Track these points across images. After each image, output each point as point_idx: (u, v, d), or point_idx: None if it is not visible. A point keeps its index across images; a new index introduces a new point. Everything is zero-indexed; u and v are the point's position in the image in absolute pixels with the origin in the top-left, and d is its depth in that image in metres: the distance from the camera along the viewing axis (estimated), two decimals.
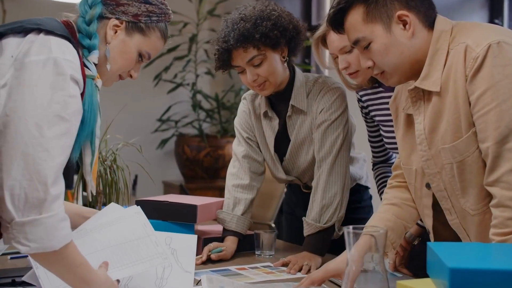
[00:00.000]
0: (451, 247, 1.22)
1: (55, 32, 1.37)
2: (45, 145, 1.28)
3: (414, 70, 1.58)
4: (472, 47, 1.46)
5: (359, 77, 1.99)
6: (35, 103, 1.29)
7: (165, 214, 2.10)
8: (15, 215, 1.26)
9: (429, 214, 1.67)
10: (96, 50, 1.49)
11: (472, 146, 1.50)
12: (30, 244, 1.27)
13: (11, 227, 1.26)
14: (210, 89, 5.41)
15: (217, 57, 2.07)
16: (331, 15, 1.62)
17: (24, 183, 1.26)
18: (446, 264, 1.03)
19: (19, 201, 1.26)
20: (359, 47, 1.59)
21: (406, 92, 1.71)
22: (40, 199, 1.26)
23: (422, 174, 1.65)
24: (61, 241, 1.30)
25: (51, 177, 1.27)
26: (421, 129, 1.60)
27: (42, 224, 1.27)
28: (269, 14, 2.01)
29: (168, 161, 5.15)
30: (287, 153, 2.20)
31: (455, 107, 1.50)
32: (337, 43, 1.97)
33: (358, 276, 1.32)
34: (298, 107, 2.13)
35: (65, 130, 1.32)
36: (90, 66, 1.46)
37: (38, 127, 1.28)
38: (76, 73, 1.36)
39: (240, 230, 2.17)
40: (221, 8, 5.19)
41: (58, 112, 1.31)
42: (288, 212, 2.51)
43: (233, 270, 1.93)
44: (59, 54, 1.34)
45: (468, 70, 1.46)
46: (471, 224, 1.57)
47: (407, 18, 1.54)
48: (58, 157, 1.29)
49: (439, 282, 1.11)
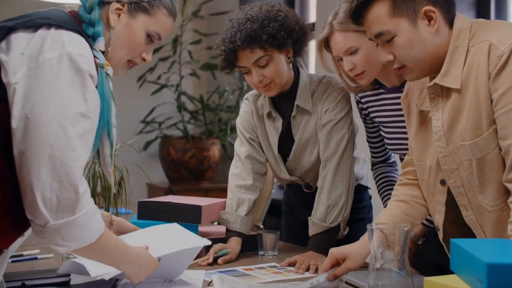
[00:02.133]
0: (476, 243, 1.23)
1: (66, 26, 1.34)
2: (71, 145, 1.27)
3: (434, 66, 1.59)
4: (497, 45, 1.48)
5: (364, 78, 1.99)
6: (56, 102, 1.27)
7: (168, 215, 2.09)
8: (49, 218, 1.26)
9: (441, 210, 1.69)
10: (101, 37, 1.45)
11: (493, 143, 1.51)
12: (68, 244, 1.29)
13: (45, 230, 1.26)
14: (194, 90, 5.39)
15: (222, 58, 2.06)
16: (354, 7, 1.61)
17: (54, 186, 1.25)
18: (483, 259, 1.05)
19: (51, 204, 1.25)
20: (380, 40, 1.59)
21: (418, 88, 1.72)
22: (72, 200, 1.27)
23: (436, 171, 1.66)
24: (95, 234, 1.33)
25: (79, 176, 1.28)
26: (439, 125, 1.61)
27: (76, 224, 1.28)
28: (276, 15, 2.01)
29: (153, 163, 5.12)
30: (291, 154, 2.21)
31: (476, 104, 1.52)
32: (342, 44, 1.96)
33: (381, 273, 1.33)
34: (303, 107, 2.14)
35: (88, 127, 1.31)
36: (97, 54, 1.43)
37: (62, 127, 1.26)
38: (91, 68, 1.34)
39: (244, 231, 2.16)
40: (205, 9, 5.18)
41: (80, 109, 1.29)
42: (287, 212, 2.51)
43: (241, 271, 1.92)
44: (73, 49, 1.31)
45: (492, 68, 1.48)
46: (488, 220, 1.58)
47: (433, 14, 1.55)
48: (83, 156, 1.29)
49: (471, 278, 1.12)
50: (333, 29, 1.97)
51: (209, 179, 5.06)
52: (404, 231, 1.29)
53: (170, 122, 5.16)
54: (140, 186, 4.82)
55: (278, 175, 2.29)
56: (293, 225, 2.48)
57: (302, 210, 2.37)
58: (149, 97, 5.07)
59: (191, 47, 5.15)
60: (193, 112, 5.16)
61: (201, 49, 5.18)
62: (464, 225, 1.65)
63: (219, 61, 2.10)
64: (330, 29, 1.98)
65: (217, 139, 5.04)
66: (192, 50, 5.11)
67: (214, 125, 5.14)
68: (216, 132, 5.10)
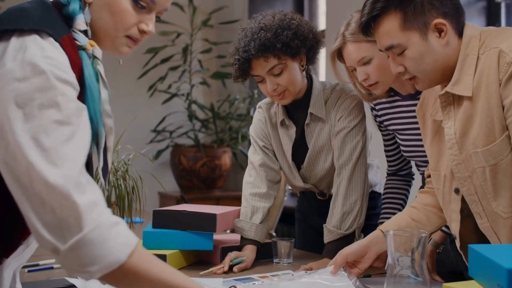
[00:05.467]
0: (495, 248, 1.24)
1: (32, 30, 1.16)
2: (52, 157, 1.09)
3: (445, 76, 1.60)
4: (506, 52, 1.49)
5: (378, 88, 1.99)
6: (23, 115, 1.09)
7: (183, 224, 2.10)
8: (58, 244, 1.08)
9: (456, 219, 1.69)
10: (79, 14, 1.24)
11: (506, 149, 1.52)
12: (90, 269, 1.08)
13: (61, 258, 1.09)
14: (205, 99, 5.41)
15: (237, 67, 2.07)
16: (364, 22, 1.62)
17: (48, 208, 1.08)
18: (502, 265, 1.05)
19: (53, 228, 1.08)
20: (391, 53, 1.60)
21: (432, 98, 1.72)
22: (74, 214, 1.08)
23: (451, 180, 1.67)
24: (122, 250, 1.10)
25: (71, 187, 1.08)
26: (451, 133, 1.61)
27: (89, 242, 1.08)
28: (289, 23, 2.02)
29: (164, 172, 5.13)
30: (305, 161, 2.21)
31: (488, 111, 1.52)
32: (355, 55, 1.96)
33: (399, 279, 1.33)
34: (317, 114, 2.15)
35: (69, 134, 1.12)
36: (77, 36, 1.24)
37: (36, 140, 1.09)
38: (59, 70, 1.14)
39: (259, 239, 2.17)
40: (215, 18, 5.20)
41: (54, 117, 1.11)
42: (301, 219, 2.51)
43: (256, 278, 1.93)
44: (36, 53, 1.13)
45: (502, 75, 1.48)
46: (503, 227, 1.58)
47: (444, 26, 1.55)
48: (70, 164, 1.10)
49: (490, 283, 1.12)
50: (346, 40, 1.97)
51: (220, 187, 5.07)
52: (422, 237, 1.29)
53: (181, 131, 5.17)
54: (152, 195, 4.83)
55: (292, 183, 2.30)
56: (307, 232, 2.49)
57: (316, 218, 2.37)
58: (160, 106, 5.09)
59: (201, 56, 5.17)
60: (204, 120, 5.18)
61: (211, 58, 5.20)
62: (482, 233, 1.65)
63: (233, 70, 2.12)
64: (343, 39, 1.99)
65: (228, 147, 5.05)
66: (202, 59, 5.13)
67: (225, 133, 5.14)
68: (227, 140, 5.11)
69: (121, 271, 1.10)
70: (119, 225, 1.12)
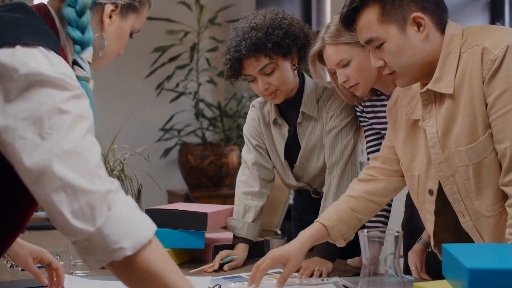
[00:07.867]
0: (467, 248, 1.23)
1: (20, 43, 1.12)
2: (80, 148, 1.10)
3: (424, 72, 1.59)
4: (490, 49, 1.48)
5: (359, 89, 1.98)
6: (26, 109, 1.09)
7: (174, 223, 2.11)
8: (88, 227, 1.07)
9: (430, 219, 1.69)
10: (90, 47, 1.27)
11: (489, 147, 1.51)
12: (123, 244, 1.07)
13: (92, 241, 1.08)
14: (212, 97, 5.42)
15: (228, 67, 2.09)
16: (345, 13, 1.62)
17: (79, 193, 1.08)
18: (464, 264, 1.05)
19: (84, 212, 1.07)
20: (371, 46, 1.61)
21: (407, 97, 1.72)
22: (102, 195, 1.09)
23: (425, 180, 1.67)
24: (149, 228, 1.12)
25: (98, 165, 1.11)
26: (433, 132, 1.61)
27: (119, 218, 1.09)
28: (280, 23, 2.03)
29: (172, 170, 5.16)
30: (298, 160, 2.22)
31: (471, 109, 1.51)
32: (334, 57, 1.96)
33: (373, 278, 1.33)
34: (309, 113, 2.15)
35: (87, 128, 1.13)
36: (84, 65, 1.25)
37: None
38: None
39: (251, 237, 2.18)
40: (222, 16, 5.21)
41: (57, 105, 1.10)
42: (297, 218, 2.52)
43: (245, 277, 1.94)
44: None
45: (486, 72, 1.48)
46: (485, 226, 1.58)
47: (422, 20, 1.55)
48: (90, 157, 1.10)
49: (457, 283, 1.12)
50: (325, 43, 1.97)
51: (228, 185, 5.08)
52: (395, 237, 1.29)
53: (189, 129, 5.19)
54: (161, 193, 4.85)
55: (285, 182, 2.30)
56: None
57: (311, 216, 2.36)
58: (167, 104, 5.12)
59: (208, 55, 5.18)
60: (211, 119, 5.19)
61: (218, 56, 5.16)
62: (458, 231, 1.64)
63: (225, 70, 2.13)
64: (322, 42, 1.99)
65: (235, 145, 5.06)
66: (209, 57, 5.15)
67: (232, 131, 5.16)
68: (234, 138, 5.12)
69: (146, 251, 1.11)
70: (139, 208, 1.15)
